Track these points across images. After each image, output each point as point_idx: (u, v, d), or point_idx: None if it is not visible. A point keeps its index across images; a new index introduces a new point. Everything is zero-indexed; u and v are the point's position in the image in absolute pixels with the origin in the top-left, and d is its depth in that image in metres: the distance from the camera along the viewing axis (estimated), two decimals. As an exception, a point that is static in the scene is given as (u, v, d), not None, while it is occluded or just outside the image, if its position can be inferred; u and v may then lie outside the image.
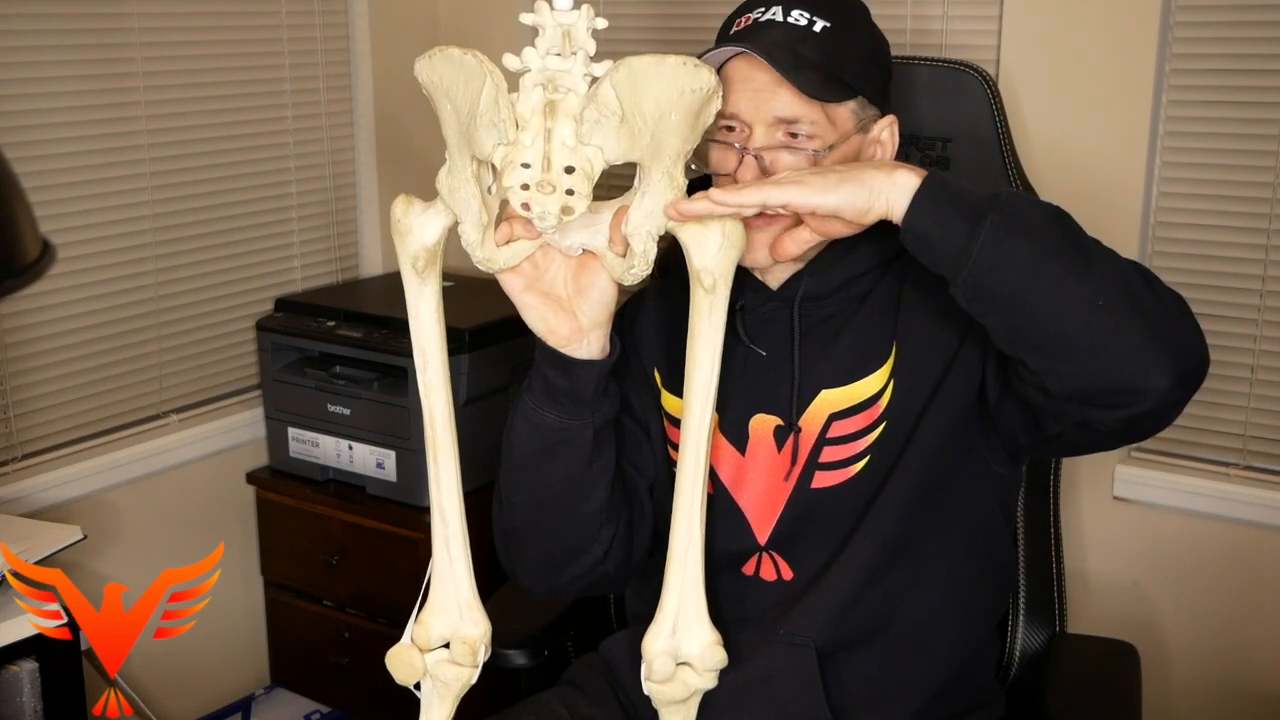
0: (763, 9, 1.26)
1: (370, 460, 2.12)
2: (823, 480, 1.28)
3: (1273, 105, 1.74)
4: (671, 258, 1.16)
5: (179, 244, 2.11)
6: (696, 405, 1.13)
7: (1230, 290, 1.81)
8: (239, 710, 2.27)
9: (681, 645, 1.15)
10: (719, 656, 1.15)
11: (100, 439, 2.06)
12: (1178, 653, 1.91)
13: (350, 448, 2.14)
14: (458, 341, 1.95)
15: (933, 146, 1.56)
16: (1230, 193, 1.79)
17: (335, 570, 2.19)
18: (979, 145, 1.55)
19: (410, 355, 1.17)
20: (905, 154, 1.56)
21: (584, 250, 1.15)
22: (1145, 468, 1.90)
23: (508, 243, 1.13)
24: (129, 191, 2.03)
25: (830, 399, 1.27)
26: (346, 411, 2.12)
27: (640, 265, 1.11)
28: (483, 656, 1.20)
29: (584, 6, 1.05)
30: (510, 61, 1.06)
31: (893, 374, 1.26)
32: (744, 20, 1.27)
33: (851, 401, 1.27)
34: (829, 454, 1.27)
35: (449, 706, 1.20)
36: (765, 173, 1.21)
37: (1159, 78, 1.79)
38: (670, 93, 1.04)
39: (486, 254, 1.13)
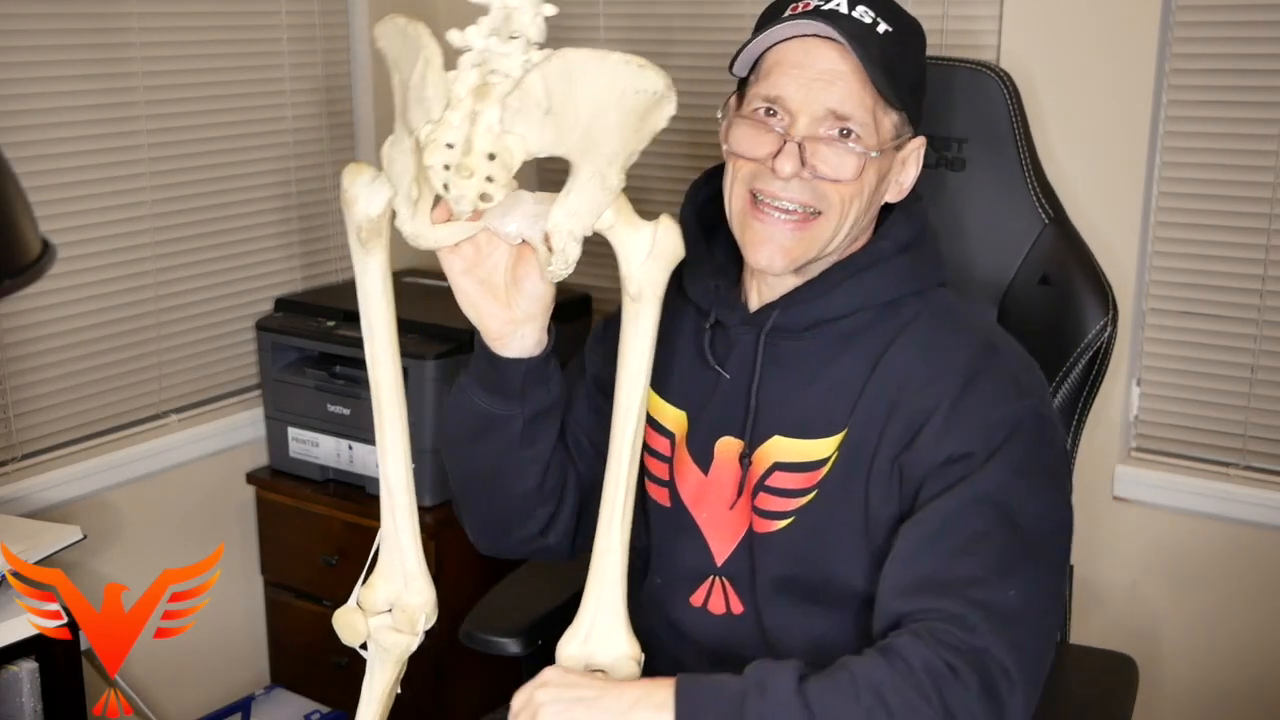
0: None
1: (370, 460, 2.11)
2: (759, 525, 1.22)
3: (1273, 105, 1.74)
4: None
5: (179, 244, 2.11)
6: (625, 415, 1.07)
7: (1230, 290, 1.81)
8: (239, 710, 2.27)
9: (595, 653, 1.10)
10: (630, 670, 1.10)
11: (100, 439, 2.06)
12: (1177, 652, 1.91)
13: (350, 448, 2.14)
14: (459, 342, 1.96)
15: (949, 147, 1.54)
16: (1230, 193, 1.79)
17: (335, 570, 2.19)
18: (996, 145, 1.53)
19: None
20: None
21: (522, 240, 1.10)
22: (1145, 468, 1.90)
23: (446, 221, 1.08)
24: (129, 191, 2.02)
25: (780, 446, 1.21)
26: (346, 411, 2.12)
27: (559, 265, 1.05)
28: (423, 625, 1.18)
29: None
30: (454, 37, 1.01)
31: (840, 448, 1.18)
32: (801, 4, 1.18)
33: (798, 458, 1.20)
34: (762, 500, 1.22)
35: (390, 672, 1.20)
36: (805, 164, 1.15)
37: (1159, 78, 1.79)
38: (610, 92, 0.99)
39: (415, 229, 1.07)
